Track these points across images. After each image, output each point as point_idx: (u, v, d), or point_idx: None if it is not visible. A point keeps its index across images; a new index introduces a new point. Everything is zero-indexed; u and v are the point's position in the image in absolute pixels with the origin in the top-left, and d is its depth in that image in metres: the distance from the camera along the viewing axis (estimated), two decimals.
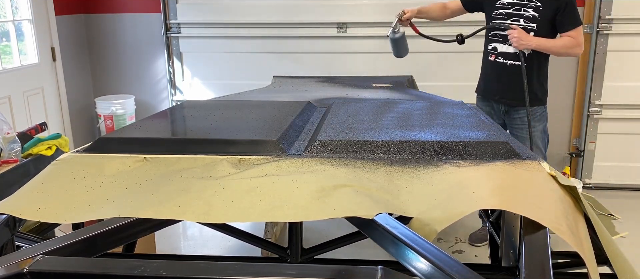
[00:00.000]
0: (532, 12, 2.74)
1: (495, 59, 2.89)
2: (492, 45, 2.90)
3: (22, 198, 1.33)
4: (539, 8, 2.73)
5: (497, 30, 2.82)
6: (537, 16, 2.73)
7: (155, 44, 4.61)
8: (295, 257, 1.83)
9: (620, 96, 4.12)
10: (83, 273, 0.95)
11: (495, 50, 2.89)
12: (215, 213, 1.19)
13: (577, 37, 2.72)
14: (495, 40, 2.88)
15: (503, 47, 2.84)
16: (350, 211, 1.15)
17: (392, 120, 1.85)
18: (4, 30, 3.96)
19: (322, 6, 4.28)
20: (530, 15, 2.74)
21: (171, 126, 1.97)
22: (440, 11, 3.07)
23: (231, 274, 0.91)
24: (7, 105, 3.79)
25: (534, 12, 2.74)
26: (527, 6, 2.75)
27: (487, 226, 1.92)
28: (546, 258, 1.07)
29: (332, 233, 1.90)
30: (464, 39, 2.92)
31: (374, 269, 0.91)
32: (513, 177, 1.35)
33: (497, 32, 2.85)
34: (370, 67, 4.34)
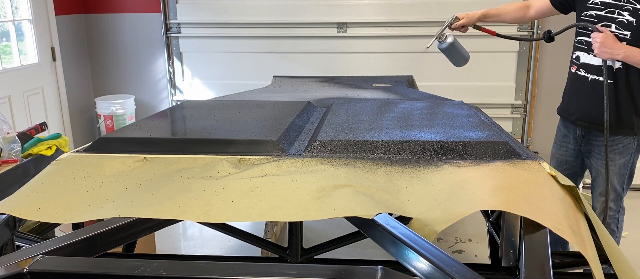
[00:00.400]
0: (628, 16, 2.16)
1: (577, 70, 2.35)
2: (575, 54, 2.38)
3: (22, 198, 1.33)
4: (637, 11, 2.14)
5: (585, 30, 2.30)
6: (633, 22, 2.15)
7: (155, 44, 4.61)
8: (295, 257, 1.83)
9: None
10: (83, 273, 0.95)
11: (577, 60, 2.36)
12: (215, 212, 1.19)
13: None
14: (580, 48, 2.35)
15: (586, 57, 2.31)
16: (350, 211, 1.15)
17: (392, 120, 1.85)
18: (4, 30, 3.96)
19: (322, 6, 4.28)
20: (624, 21, 2.17)
21: (171, 126, 1.97)
22: (519, 12, 2.60)
23: (231, 274, 0.91)
24: (7, 105, 3.79)
25: (631, 17, 2.15)
26: (623, 8, 2.18)
27: (488, 226, 1.92)
28: (546, 258, 1.07)
29: (332, 233, 1.90)
30: (552, 37, 2.44)
31: (374, 269, 0.91)
32: (513, 178, 1.35)
33: (582, 39, 2.33)
34: (370, 67, 4.34)
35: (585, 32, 2.31)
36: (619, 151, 2.33)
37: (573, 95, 2.41)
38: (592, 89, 2.29)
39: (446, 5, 4.02)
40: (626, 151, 2.34)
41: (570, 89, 2.43)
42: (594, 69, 2.28)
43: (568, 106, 2.44)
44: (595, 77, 2.28)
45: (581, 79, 2.34)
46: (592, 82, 2.29)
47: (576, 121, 2.40)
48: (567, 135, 2.51)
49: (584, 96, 2.34)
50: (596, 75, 2.27)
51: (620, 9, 2.20)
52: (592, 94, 2.29)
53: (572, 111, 2.40)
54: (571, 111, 2.41)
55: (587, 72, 2.31)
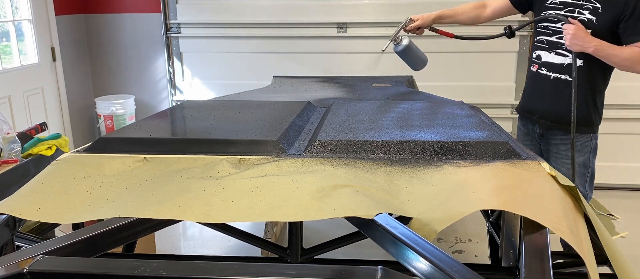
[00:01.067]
0: (588, 14, 2.17)
1: (538, 69, 2.35)
2: (536, 53, 2.37)
3: (22, 198, 1.33)
4: (597, 10, 2.15)
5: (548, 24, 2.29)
6: (594, 20, 2.16)
7: (155, 44, 4.61)
8: (295, 257, 1.83)
9: (620, 96, 4.11)
10: (83, 273, 0.95)
11: (539, 59, 2.35)
12: (215, 213, 1.19)
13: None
14: (541, 47, 2.35)
15: (548, 56, 2.30)
16: (350, 211, 1.15)
17: (392, 120, 1.85)
18: (4, 30, 3.97)
19: (322, 6, 4.28)
20: (585, 19, 2.18)
21: (171, 126, 1.97)
22: (475, 12, 2.53)
23: (231, 274, 0.91)
24: (7, 105, 3.79)
25: (591, 15, 2.17)
26: (583, 7, 2.18)
27: (488, 226, 1.92)
28: (546, 258, 1.07)
29: (332, 233, 1.90)
30: (513, 32, 2.43)
31: (374, 269, 0.91)
32: (513, 178, 1.35)
33: (543, 38, 2.33)
34: (370, 67, 4.34)
35: (546, 31, 2.31)
36: (577, 149, 2.32)
37: (535, 94, 2.41)
38: (554, 88, 2.30)
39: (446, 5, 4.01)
40: (584, 149, 2.36)
41: (532, 88, 2.43)
42: (556, 68, 2.28)
43: (529, 105, 2.44)
44: (558, 75, 2.28)
45: (543, 77, 2.34)
46: (554, 80, 2.30)
47: (539, 120, 2.40)
48: (527, 134, 2.51)
49: (546, 94, 2.34)
50: (558, 73, 2.28)
51: (580, 8, 2.20)
52: (554, 92, 2.30)
53: (534, 110, 2.40)
54: (533, 110, 2.41)
55: (549, 71, 2.31)
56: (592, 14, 2.16)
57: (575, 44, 2.13)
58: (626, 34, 2.13)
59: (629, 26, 2.11)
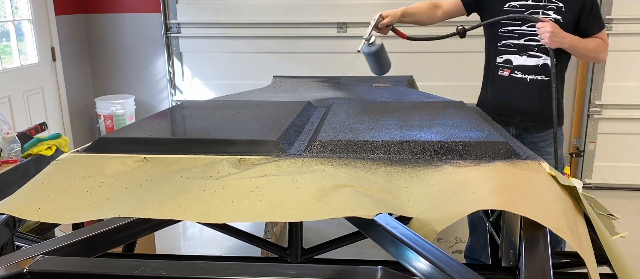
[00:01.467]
0: (554, 15, 2.26)
1: (511, 74, 2.39)
2: (503, 58, 2.41)
3: (22, 198, 1.33)
4: (561, 10, 2.26)
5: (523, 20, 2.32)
6: (560, 19, 2.26)
7: (155, 44, 4.61)
8: (295, 257, 1.83)
9: (620, 96, 4.12)
10: (83, 273, 0.95)
11: (509, 64, 2.39)
12: (215, 213, 1.19)
13: (606, 40, 2.33)
14: (508, 51, 2.39)
15: (520, 59, 2.36)
16: (350, 211, 1.15)
17: (392, 120, 1.85)
18: (4, 30, 3.97)
19: (322, 6, 4.28)
20: (552, 18, 2.26)
21: (171, 126, 1.97)
22: (430, 12, 2.52)
23: (231, 274, 0.91)
24: (7, 105, 3.79)
25: (556, 15, 2.26)
26: (547, 8, 2.27)
27: (488, 226, 1.92)
28: (546, 258, 1.07)
29: (332, 233, 1.90)
30: (465, 32, 2.41)
31: (374, 269, 0.91)
32: (513, 178, 1.35)
33: (509, 42, 2.38)
34: None
35: (512, 35, 2.36)
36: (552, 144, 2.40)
37: (510, 97, 2.43)
38: (531, 89, 2.35)
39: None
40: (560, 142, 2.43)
41: (505, 92, 2.44)
42: (531, 70, 2.35)
43: (504, 108, 2.44)
44: (534, 77, 2.35)
45: (518, 81, 2.38)
46: (531, 82, 2.36)
47: (519, 123, 2.43)
48: None
49: (523, 96, 2.38)
50: (534, 75, 2.35)
51: (544, 9, 2.27)
52: (531, 93, 2.36)
53: (511, 112, 2.42)
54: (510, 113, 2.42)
55: (524, 74, 2.36)
56: (557, 13, 2.26)
57: (554, 41, 2.19)
58: (588, 28, 2.28)
59: (590, 20, 2.28)
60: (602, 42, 2.31)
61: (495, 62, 2.46)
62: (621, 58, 4.06)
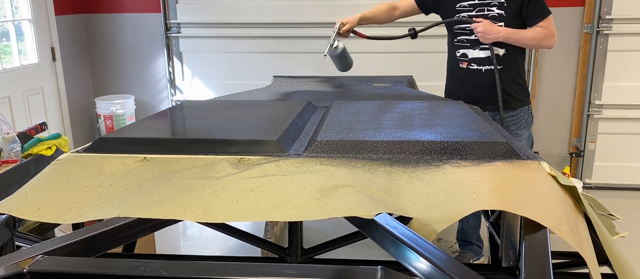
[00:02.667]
0: (497, 10, 2.54)
1: (468, 66, 2.67)
2: (460, 52, 2.70)
3: (22, 198, 1.33)
4: (503, 5, 2.53)
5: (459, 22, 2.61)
6: (503, 14, 2.53)
7: (155, 44, 4.61)
8: (295, 257, 1.83)
9: (620, 96, 4.12)
10: (83, 273, 0.95)
11: (465, 57, 2.68)
12: (215, 212, 1.19)
13: (549, 28, 2.52)
14: (463, 46, 2.67)
15: (474, 53, 2.64)
16: (350, 211, 1.15)
17: (392, 120, 1.85)
18: (4, 30, 3.96)
19: (322, 6, 4.28)
20: (495, 14, 2.54)
21: (171, 126, 1.97)
22: (388, 13, 2.82)
23: (231, 274, 0.91)
24: (7, 105, 3.79)
25: (499, 10, 2.53)
26: (490, 5, 2.55)
27: (488, 226, 1.92)
28: (546, 258, 1.07)
29: (332, 233, 1.90)
30: (416, 33, 2.71)
31: (374, 269, 0.91)
32: (513, 178, 1.35)
33: (464, 37, 2.65)
34: (370, 67, 4.34)
35: (464, 32, 2.63)
36: (523, 125, 2.70)
37: (471, 87, 2.69)
38: (486, 78, 2.62)
39: None
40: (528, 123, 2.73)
41: (466, 82, 2.71)
42: (484, 61, 2.62)
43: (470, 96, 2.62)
44: (488, 67, 2.62)
45: (475, 72, 2.66)
46: (485, 72, 2.63)
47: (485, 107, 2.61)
48: None
49: (482, 85, 2.64)
50: (488, 65, 2.61)
51: (488, 5, 2.55)
52: (487, 81, 2.61)
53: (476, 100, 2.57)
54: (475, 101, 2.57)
55: (479, 65, 2.64)
56: (500, 8, 2.54)
57: (487, 38, 2.51)
58: (528, 18, 2.53)
59: (529, 11, 2.51)
60: (543, 29, 2.52)
61: (455, 56, 2.73)
62: (621, 58, 4.06)
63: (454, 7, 2.63)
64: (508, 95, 2.60)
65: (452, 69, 2.79)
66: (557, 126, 4.35)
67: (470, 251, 3.03)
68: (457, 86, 2.79)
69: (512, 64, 2.62)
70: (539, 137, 4.39)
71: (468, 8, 2.60)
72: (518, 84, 2.67)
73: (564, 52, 4.17)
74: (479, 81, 2.65)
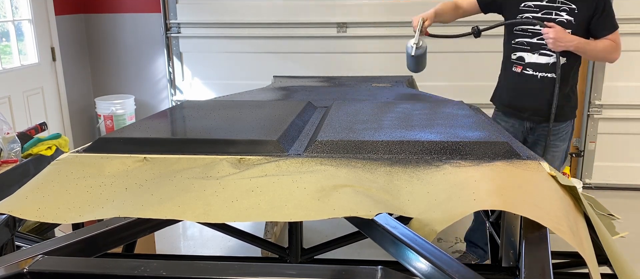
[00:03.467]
0: (566, 16, 2.39)
1: (523, 70, 2.56)
2: (517, 55, 2.57)
3: (22, 198, 1.33)
4: (574, 11, 2.39)
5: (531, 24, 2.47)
6: (572, 21, 2.39)
7: (155, 44, 4.61)
8: (295, 257, 1.83)
9: (620, 96, 4.12)
10: (83, 273, 0.95)
11: (521, 61, 2.56)
12: (215, 212, 1.19)
13: (617, 41, 2.44)
14: (521, 48, 2.54)
15: (532, 57, 2.51)
16: (350, 211, 1.15)
17: (392, 120, 1.85)
18: (4, 30, 3.96)
19: (322, 6, 4.28)
20: (564, 20, 2.40)
21: (171, 126, 1.97)
22: (454, 11, 2.74)
23: (231, 274, 0.91)
24: (7, 105, 3.79)
25: (569, 16, 2.39)
26: (560, 9, 2.40)
27: (488, 226, 1.92)
28: (546, 258, 1.07)
29: (332, 233, 1.90)
30: (480, 32, 2.61)
31: (374, 269, 0.91)
32: (513, 178, 1.35)
33: (523, 40, 2.53)
34: (370, 67, 4.34)
35: (525, 34, 2.51)
36: (562, 137, 2.61)
37: (522, 93, 2.59)
38: (542, 85, 2.51)
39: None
40: (567, 137, 2.64)
41: (518, 88, 2.61)
42: (542, 67, 2.50)
43: (516, 103, 2.62)
44: (544, 74, 2.50)
45: (529, 77, 2.54)
46: (541, 79, 2.51)
47: (531, 117, 2.60)
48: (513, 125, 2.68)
49: (534, 92, 2.54)
50: (544, 72, 2.50)
51: (557, 10, 2.41)
52: (542, 89, 2.51)
53: (523, 107, 2.59)
54: (522, 107, 2.59)
55: (536, 71, 2.52)
56: (570, 14, 2.40)
57: (558, 46, 2.37)
58: (598, 29, 2.41)
59: (600, 23, 2.40)
60: (612, 43, 2.41)
61: (510, 58, 2.61)
62: (621, 58, 4.04)
63: (518, 6, 2.50)
64: (559, 107, 2.49)
65: (505, 71, 2.68)
66: None
67: (474, 254, 3.00)
68: (506, 89, 2.70)
69: (570, 75, 2.52)
70: None
71: (534, 9, 2.46)
72: (570, 96, 2.57)
73: None
74: (533, 88, 2.53)
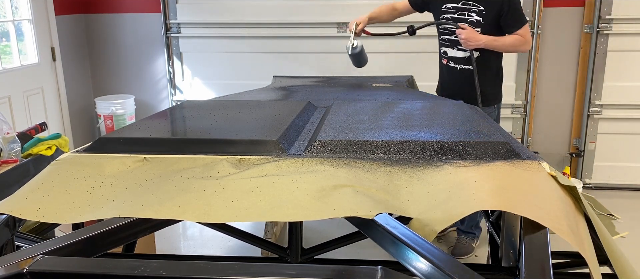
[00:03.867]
0: (476, 16, 2.78)
1: (448, 63, 2.96)
2: (443, 50, 2.97)
3: (22, 198, 1.33)
4: (482, 12, 2.78)
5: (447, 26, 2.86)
6: (481, 21, 2.78)
7: (155, 44, 4.61)
8: (295, 257, 1.83)
9: (620, 96, 4.12)
10: (83, 273, 0.95)
11: (446, 55, 2.95)
12: (215, 212, 1.19)
13: (525, 35, 2.78)
14: (445, 44, 2.95)
15: (452, 52, 2.91)
16: (350, 211, 1.15)
17: (392, 120, 1.85)
18: (4, 30, 3.96)
19: (322, 6, 4.27)
20: (474, 20, 2.79)
21: (171, 126, 1.97)
22: (390, 13, 3.11)
23: (231, 274, 0.91)
24: (7, 105, 3.79)
25: (478, 17, 2.78)
26: (471, 11, 2.80)
27: (488, 226, 1.92)
28: (546, 258, 1.07)
29: (332, 233, 1.90)
30: (414, 30, 2.97)
31: (374, 269, 0.91)
32: (513, 178, 1.35)
33: (445, 37, 2.92)
34: (370, 67, 4.33)
35: (446, 32, 2.90)
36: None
37: (449, 81, 3.00)
38: (461, 76, 2.91)
39: None
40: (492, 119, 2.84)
41: (446, 77, 3.02)
42: (460, 61, 2.90)
43: (448, 91, 2.96)
44: (463, 66, 2.90)
45: (452, 69, 2.94)
46: (461, 70, 2.91)
47: None
48: None
49: (457, 82, 2.94)
50: (463, 65, 2.90)
51: (469, 11, 2.80)
52: (461, 79, 2.91)
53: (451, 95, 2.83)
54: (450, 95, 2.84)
55: (456, 64, 2.92)
56: (479, 15, 2.78)
57: (469, 45, 2.77)
58: (507, 26, 2.79)
59: (508, 21, 2.77)
60: (520, 37, 2.78)
61: (440, 53, 3.03)
62: (621, 58, 4.06)
63: (440, 7, 2.88)
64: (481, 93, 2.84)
65: (439, 64, 3.08)
66: (557, 126, 4.34)
67: (467, 236, 3.22)
68: (441, 79, 3.10)
69: (486, 66, 2.86)
70: (539, 137, 4.39)
71: (451, 10, 2.85)
72: (489, 85, 2.90)
73: (564, 52, 4.17)
74: (456, 78, 2.94)
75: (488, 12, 2.76)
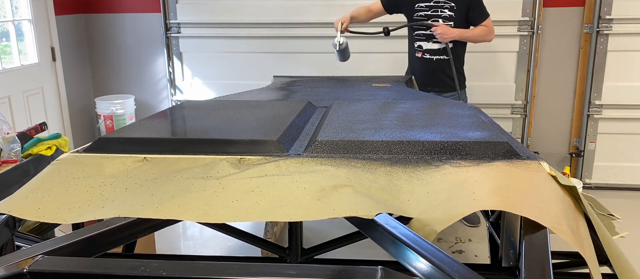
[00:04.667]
0: (448, 11, 3.21)
1: (423, 55, 3.34)
2: (417, 44, 3.35)
3: (22, 198, 1.33)
4: (453, 8, 3.21)
5: (422, 25, 3.25)
6: (453, 15, 3.21)
7: (155, 44, 4.60)
8: (295, 257, 1.83)
9: (620, 96, 4.12)
10: (83, 273, 0.95)
11: (421, 48, 3.34)
12: (215, 212, 1.19)
13: (489, 26, 3.26)
14: (420, 39, 3.33)
15: (428, 45, 3.31)
16: (350, 211, 1.15)
17: (392, 120, 1.85)
18: (4, 30, 3.96)
19: (322, 6, 4.27)
20: (447, 15, 3.22)
21: (171, 126, 1.97)
22: (366, 14, 3.43)
23: (231, 274, 0.91)
24: (7, 105, 3.79)
25: (450, 12, 3.21)
26: (443, 7, 3.21)
27: (488, 226, 1.92)
28: (546, 258, 1.07)
29: (332, 233, 1.90)
30: (389, 31, 3.35)
31: (374, 269, 0.91)
32: (513, 178, 1.35)
33: (420, 32, 3.31)
34: (370, 67, 4.34)
35: (421, 28, 3.28)
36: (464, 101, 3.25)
37: (424, 72, 3.37)
38: (437, 65, 3.33)
39: None
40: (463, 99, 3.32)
41: (420, 69, 3.39)
42: (435, 52, 3.31)
43: (423, 81, 3.35)
44: (438, 56, 3.31)
45: (428, 61, 3.34)
46: (436, 61, 3.32)
47: (431, 90, 3.32)
48: None
49: (432, 72, 3.34)
50: (438, 55, 3.30)
51: (441, 7, 3.22)
52: (437, 68, 3.33)
53: (427, 83, 3.34)
54: (425, 83, 3.34)
55: (431, 55, 3.32)
56: (451, 11, 3.21)
57: (445, 38, 3.19)
58: (474, 20, 3.25)
59: (475, 15, 3.23)
60: (485, 28, 3.25)
61: (413, 47, 3.39)
62: (621, 58, 4.06)
63: (413, 6, 3.28)
64: (452, 80, 3.27)
65: (411, 58, 3.45)
66: (557, 126, 4.34)
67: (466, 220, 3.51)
68: (413, 71, 3.45)
69: (456, 56, 3.28)
70: (539, 137, 4.39)
71: (425, 8, 3.26)
72: (459, 72, 3.35)
73: (564, 52, 4.17)
74: (431, 68, 3.33)
75: (459, 9, 3.20)
